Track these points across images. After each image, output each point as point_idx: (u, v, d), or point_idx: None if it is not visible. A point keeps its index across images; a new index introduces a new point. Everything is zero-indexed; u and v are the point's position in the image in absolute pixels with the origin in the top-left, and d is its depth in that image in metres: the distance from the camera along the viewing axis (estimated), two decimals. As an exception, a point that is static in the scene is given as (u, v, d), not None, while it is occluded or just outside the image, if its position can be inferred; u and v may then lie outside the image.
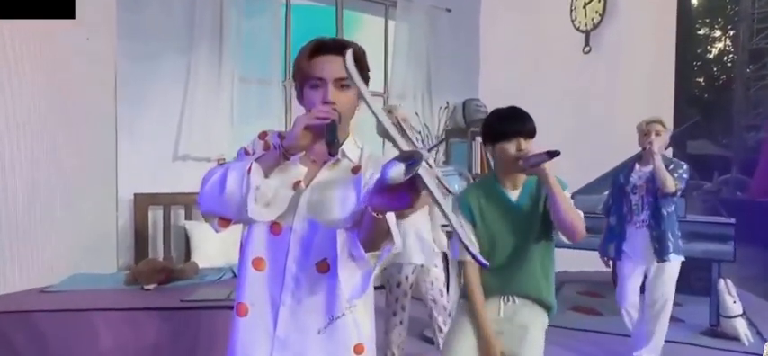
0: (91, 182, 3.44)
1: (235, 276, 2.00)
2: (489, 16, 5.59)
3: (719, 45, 17.49)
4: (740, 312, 3.66)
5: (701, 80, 17.04)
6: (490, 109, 5.33)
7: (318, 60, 1.21)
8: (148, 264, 2.64)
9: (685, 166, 2.91)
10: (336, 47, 1.21)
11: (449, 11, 5.27)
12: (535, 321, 1.85)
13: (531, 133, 1.79)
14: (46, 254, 3.20)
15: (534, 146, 1.77)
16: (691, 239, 3.81)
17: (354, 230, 1.12)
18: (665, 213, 2.90)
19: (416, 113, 3.68)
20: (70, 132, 3.25)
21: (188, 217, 3.76)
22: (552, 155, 1.62)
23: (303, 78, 1.23)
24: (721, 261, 3.73)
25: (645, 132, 2.93)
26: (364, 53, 1.27)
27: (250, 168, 1.11)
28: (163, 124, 3.79)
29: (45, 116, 3.11)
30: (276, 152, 1.16)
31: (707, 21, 16.89)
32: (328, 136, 1.13)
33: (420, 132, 3.41)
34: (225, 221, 1.19)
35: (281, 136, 1.24)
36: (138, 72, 3.66)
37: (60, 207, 3.24)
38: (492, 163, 2.08)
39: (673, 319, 3.33)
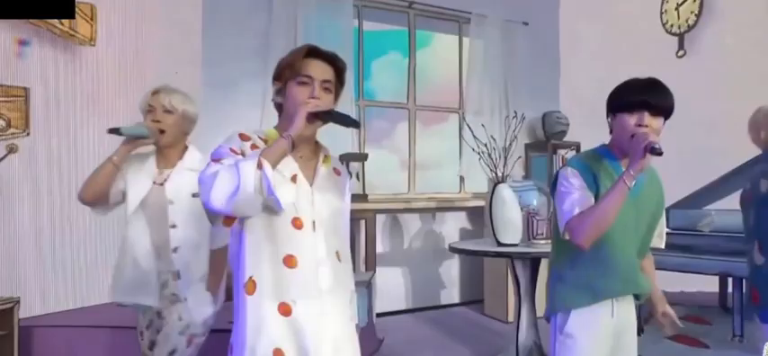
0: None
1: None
2: (569, 26, 4.89)
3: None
4: None
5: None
6: (572, 121, 4.44)
7: (311, 61, 1.23)
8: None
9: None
10: (328, 56, 1.26)
11: (526, 24, 4.64)
12: (633, 320, 1.52)
13: (661, 110, 1.38)
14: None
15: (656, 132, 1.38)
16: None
17: None
18: None
19: (482, 126, 3.21)
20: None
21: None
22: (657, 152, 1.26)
23: (292, 74, 1.22)
24: None
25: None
26: (345, 67, 1.31)
27: (260, 163, 1.06)
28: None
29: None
30: (284, 143, 1.13)
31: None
32: (328, 117, 1.19)
33: (486, 144, 2.89)
34: (230, 219, 1.17)
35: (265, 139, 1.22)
36: (218, 98, 3.46)
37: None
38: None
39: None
